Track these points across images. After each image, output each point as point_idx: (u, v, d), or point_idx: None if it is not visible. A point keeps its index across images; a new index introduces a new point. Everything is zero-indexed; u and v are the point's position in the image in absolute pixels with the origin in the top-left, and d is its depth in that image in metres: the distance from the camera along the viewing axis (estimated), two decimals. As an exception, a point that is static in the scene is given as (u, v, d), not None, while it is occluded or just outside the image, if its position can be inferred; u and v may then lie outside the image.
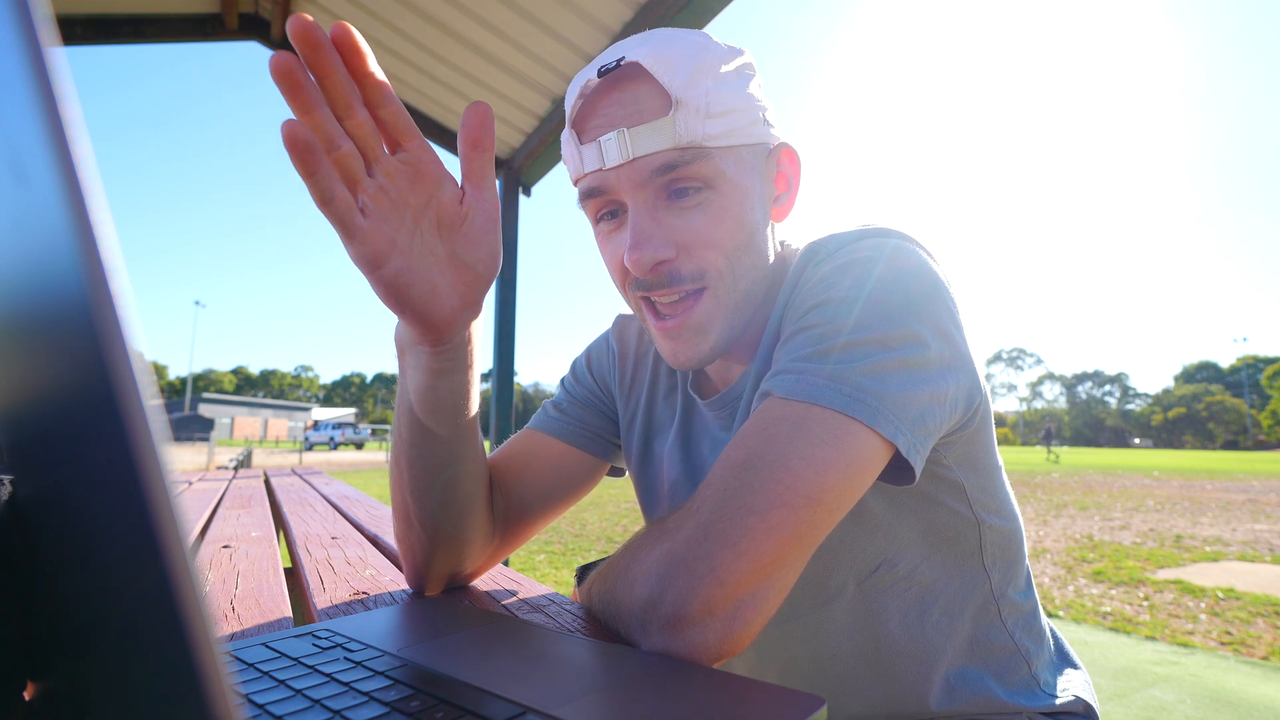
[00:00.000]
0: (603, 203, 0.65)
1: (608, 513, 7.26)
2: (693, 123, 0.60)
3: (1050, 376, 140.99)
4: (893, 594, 0.67)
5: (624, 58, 0.61)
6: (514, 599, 0.71)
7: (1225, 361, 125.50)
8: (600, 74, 0.62)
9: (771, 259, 0.68)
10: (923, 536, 0.67)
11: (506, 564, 0.98)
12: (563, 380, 0.92)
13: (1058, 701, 0.70)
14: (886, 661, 0.68)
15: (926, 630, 0.67)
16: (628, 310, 0.86)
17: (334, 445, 44.23)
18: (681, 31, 0.64)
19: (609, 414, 0.87)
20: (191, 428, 62.08)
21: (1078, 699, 0.72)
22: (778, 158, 0.68)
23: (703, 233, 0.62)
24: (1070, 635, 3.06)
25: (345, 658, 0.47)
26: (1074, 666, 0.78)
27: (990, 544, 0.69)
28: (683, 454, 0.77)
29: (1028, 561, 0.76)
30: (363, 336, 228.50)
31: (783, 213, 0.70)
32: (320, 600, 0.70)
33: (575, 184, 0.68)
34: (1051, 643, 0.77)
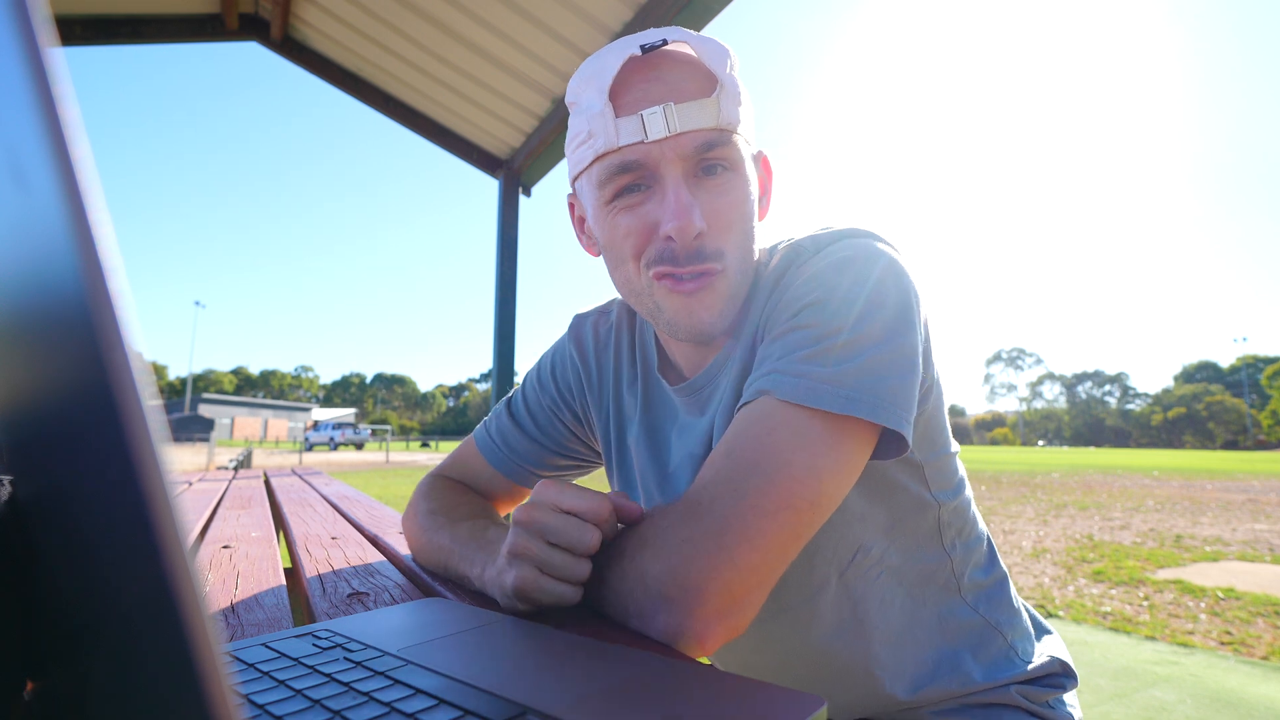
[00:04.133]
0: (632, 177, 0.65)
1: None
2: (730, 106, 0.64)
3: (1050, 376, 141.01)
4: (868, 579, 0.71)
5: (666, 39, 0.64)
6: (514, 599, 0.71)
7: (1225, 361, 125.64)
8: (644, 49, 0.64)
9: (757, 250, 0.71)
10: (888, 520, 0.71)
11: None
12: (511, 404, 0.92)
13: (1034, 665, 0.74)
14: (869, 648, 0.71)
15: (899, 613, 0.71)
16: (583, 310, 0.90)
17: (334, 446, 44.24)
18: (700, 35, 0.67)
19: (567, 422, 0.89)
20: (191, 428, 62.09)
21: (1053, 659, 0.75)
22: (759, 163, 0.73)
23: (726, 213, 0.65)
24: (1070, 635, 3.06)
25: (345, 658, 0.47)
26: (1047, 632, 0.81)
27: (947, 525, 0.73)
28: (648, 441, 0.79)
29: (989, 539, 0.79)
30: (363, 336, 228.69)
31: (762, 213, 0.73)
32: (320, 600, 0.70)
33: (596, 160, 0.66)
34: (1025, 614, 0.80)
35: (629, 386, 0.83)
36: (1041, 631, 0.81)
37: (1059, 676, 0.75)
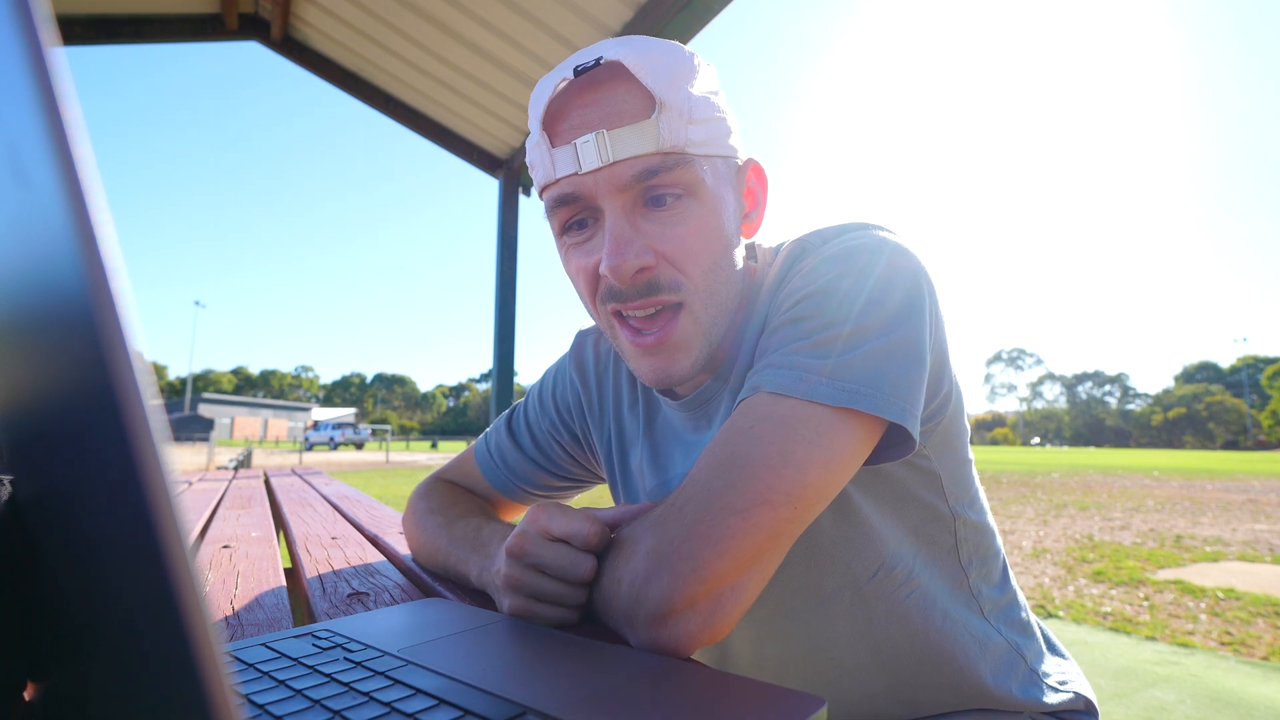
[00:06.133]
0: (574, 211, 0.62)
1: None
2: (676, 126, 0.58)
3: (1050, 376, 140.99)
4: (894, 599, 0.67)
5: (602, 57, 0.59)
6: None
7: (1225, 361, 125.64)
8: (576, 73, 0.59)
9: (740, 270, 0.67)
10: (909, 537, 0.68)
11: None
12: (512, 421, 0.91)
13: (1059, 698, 0.70)
14: (890, 664, 0.69)
15: (929, 633, 0.67)
16: (586, 324, 0.87)
17: (334, 445, 44.25)
18: (656, 39, 0.63)
19: (565, 444, 0.88)
20: (191, 428, 62.07)
21: (1078, 696, 0.72)
22: (746, 174, 0.68)
23: (682, 244, 0.60)
24: (1070, 635, 3.06)
25: (345, 658, 0.47)
26: (1063, 656, 0.78)
27: (965, 540, 0.70)
28: (653, 463, 0.77)
29: (1004, 556, 0.76)
30: (363, 336, 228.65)
31: (752, 229, 0.69)
32: (320, 600, 0.70)
33: (543, 193, 0.65)
34: (1039, 633, 0.77)
35: (630, 409, 0.81)
36: (1056, 654, 0.77)
37: (1082, 715, 0.71)
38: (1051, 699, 0.70)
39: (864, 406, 0.52)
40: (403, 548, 0.99)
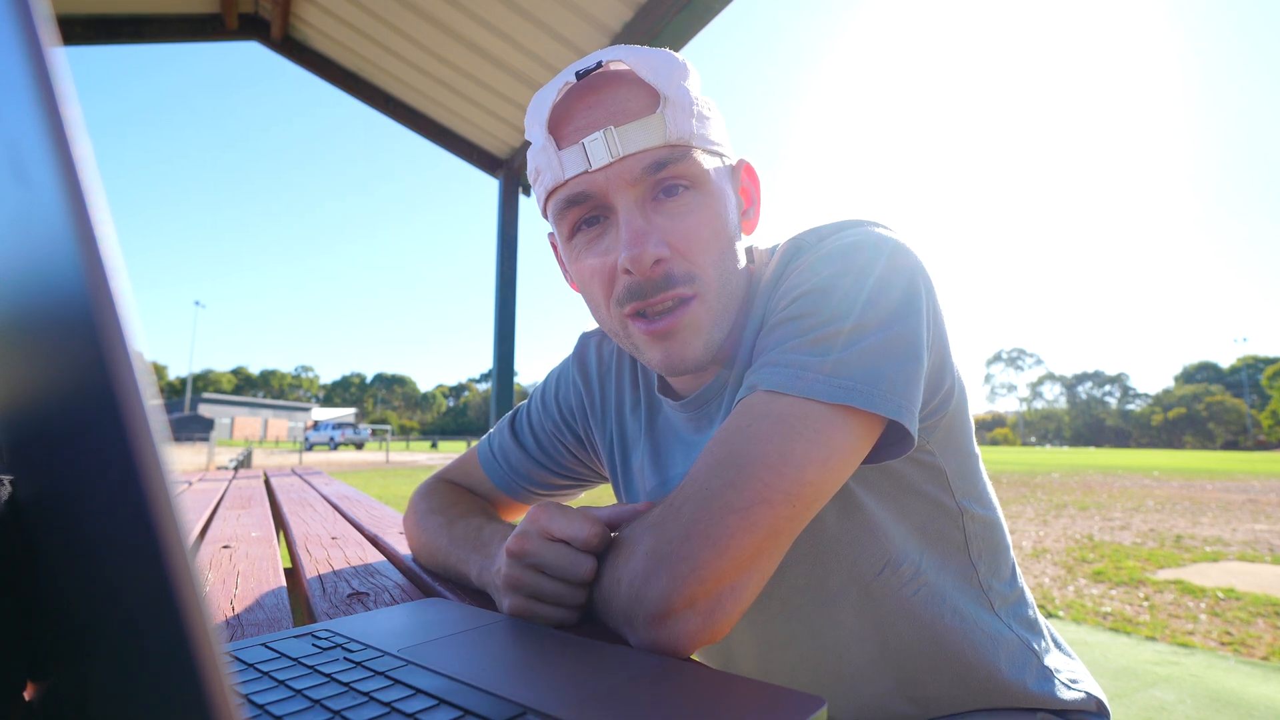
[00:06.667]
0: (584, 210, 0.63)
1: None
2: (681, 120, 0.60)
3: (1050, 376, 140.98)
4: (901, 596, 0.67)
5: (602, 61, 0.61)
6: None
7: (1225, 361, 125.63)
8: (578, 76, 0.61)
9: (742, 266, 0.68)
10: (915, 534, 0.68)
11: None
12: (515, 421, 0.91)
13: (1072, 695, 0.70)
14: (898, 659, 0.68)
15: (939, 629, 0.67)
16: (590, 326, 0.88)
17: (334, 445, 44.25)
18: (647, 48, 0.64)
19: (569, 445, 0.88)
20: (191, 428, 62.06)
21: (1090, 696, 0.71)
22: (740, 173, 0.69)
23: (692, 234, 0.61)
24: (1070, 635, 3.06)
25: (345, 658, 0.47)
26: (1071, 656, 0.78)
27: (975, 535, 0.70)
28: (654, 464, 0.77)
29: (1013, 553, 0.76)
30: (363, 336, 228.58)
31: (751, 226, 0.70)
32: (320, 600, 0.70)
33: (549, 199, 0.65)
34: (1047, 631, 0.77)
35: (632, 410, 0.81)
36: (1065, 653, 0.76)
37: (1094, 716, 0.71)
38: (1065, 695, 0.69)
39: (861, 404, 0.52)
40: (403, 548, 0.99)
